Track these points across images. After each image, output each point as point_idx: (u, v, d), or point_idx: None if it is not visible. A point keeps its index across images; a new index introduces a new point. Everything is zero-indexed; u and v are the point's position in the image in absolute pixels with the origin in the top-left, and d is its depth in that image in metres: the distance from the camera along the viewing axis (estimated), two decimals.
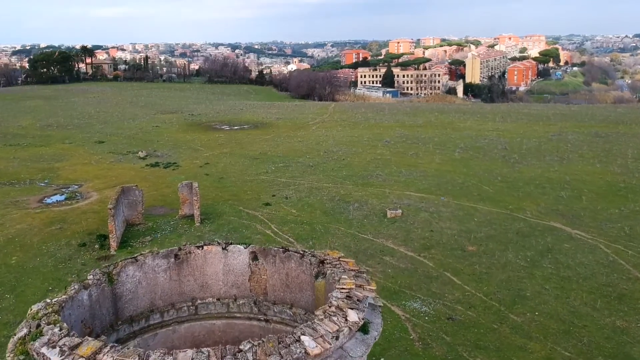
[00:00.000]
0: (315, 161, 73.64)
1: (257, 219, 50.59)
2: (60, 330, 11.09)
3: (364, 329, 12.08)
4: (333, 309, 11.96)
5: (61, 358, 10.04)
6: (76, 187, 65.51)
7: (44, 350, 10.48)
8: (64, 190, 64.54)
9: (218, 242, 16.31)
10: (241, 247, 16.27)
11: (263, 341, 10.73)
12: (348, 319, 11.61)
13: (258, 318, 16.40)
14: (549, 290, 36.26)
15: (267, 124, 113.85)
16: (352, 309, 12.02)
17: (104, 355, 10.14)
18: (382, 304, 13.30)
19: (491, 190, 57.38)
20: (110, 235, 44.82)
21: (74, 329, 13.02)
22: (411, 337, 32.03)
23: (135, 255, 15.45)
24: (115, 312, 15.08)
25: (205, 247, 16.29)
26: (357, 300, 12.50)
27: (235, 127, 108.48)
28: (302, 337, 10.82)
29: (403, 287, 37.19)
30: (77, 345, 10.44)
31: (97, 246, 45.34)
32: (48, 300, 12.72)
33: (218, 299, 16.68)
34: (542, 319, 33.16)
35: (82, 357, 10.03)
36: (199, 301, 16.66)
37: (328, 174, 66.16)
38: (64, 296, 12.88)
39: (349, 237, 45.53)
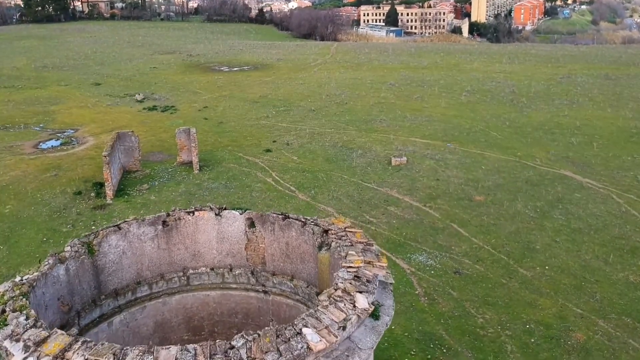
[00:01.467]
0: (316, 105, 71.50)
1: (258, 166, 49.02)
2: (27, 319, 9.64)
3: (374, 314, 10.63)
4: (339, 292, 10.47)
5: (24, 356, 8.62)
6: (72, 131, 63.77)
7: (6, 343, 9.07)
8: (59, 135, 62.81)
9: (210, 207, 14.74)
10: (236, 212, 14.72)
11: (259, 335, 9.27)
12: (356, 305, 10.14)
13: (256, 289, 15.03)
14: (559, 243, 34.99)
15: (267, 65, 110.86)
16: (360, 292, 10.54)
17: (73, 353, 8.72)
18: (393, 281, 11.81)
19: (499, 137, 55.54)
20: (106, 184, 43.38)
21: (49, 309, 11.61)
22: (416, 292, 30.93)
23: (118, 222, 13.91)
24: (98, 286, 13.67)
25: (196, 213, 14.75)
26: (367, 280, 11.00)
27: (235, 69, 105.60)
28: (304, 330, 9.38)
29: (408, 239, 35.92)
30: (44, 340, 9.01)
31: (93, 194, 43.98)
32: (17, 279, 11.25)
33: (212, 269, 15.26)
34: (552, 273, 31.99)
35: (47, 355, 8.61)
36: (190, 271, 15.24)
37: (330, 118, 64.17)
38: (36, 273, 11.39)
39: (352, 185, 44.05)
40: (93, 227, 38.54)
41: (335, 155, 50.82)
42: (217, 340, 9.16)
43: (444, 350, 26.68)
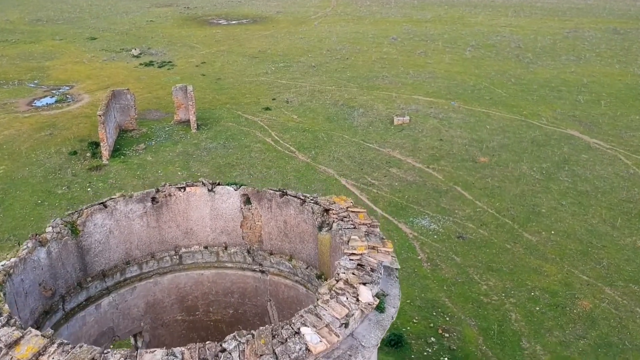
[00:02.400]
0: (317, 61, 69.70)
1: (257, 125, 47.85)
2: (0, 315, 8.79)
3: (378, 306, 9.78)
4: (341, 284, 9.60)
5: None
6: (67, 88, 62.32)
7: None
8: (54, 92, 61.39)
9: (203, 183, 13.76)
10: (230, 188, 13.75)
11: (253, 336, 8.42)
12: (360, 298, 9.27)
13: (252, 269, 14.19)
14: (565, 207, 34.16)
15: (266, 19, 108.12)
16: (364, 283, 9.65)
17: (48, 357, 7.89)
18: (399, 267, 10.93)
19: (504, 94, 54.11)
20: (101, 144, 42.34)
21: (29, 296, 10.79)
22: (419, 257, 30.27)
23: (104, 200, 12.96)
24: (83, 268, 12.82)
25: (188, 189, 13.78)
26: (371, 269, 10.12)
27: (233, 22, 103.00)
28: (303, 329, 8.53)
29: (410, 202, 35.09)
30: (16, 342, 8.17)
31: (88, 155, 42.97)
32: None
33: (205, 247, 14.40)
34: (558, 238, 31.26)
35: None
36: (183, 250, 14.38)
37: (331, 75, 62.55)
38: (13, 259, 10.51)
39: (354, 146, 42.98)
40: (89, 189, 37.75)
41: (336, 114, 49.56)
42: (207, 342, 8.32)
43: (447, 319, 26.14)
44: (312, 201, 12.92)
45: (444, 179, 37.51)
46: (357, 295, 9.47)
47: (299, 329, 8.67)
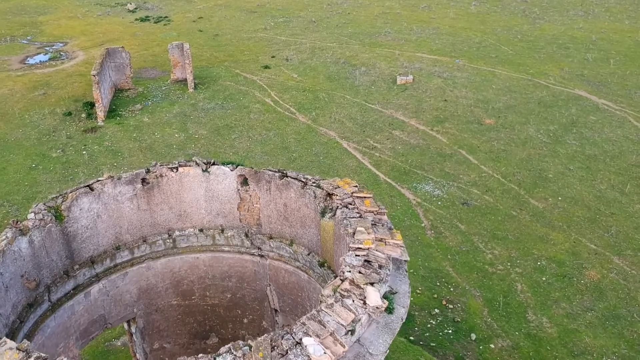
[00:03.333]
0: (317, 16, 67.65)
1: (256, 85, 46.50)
2: None
3: (387, 307, 8.99)
4: (346, 285, 8.77)
5: None
6: (61, 45, 60.59)
7: None
8: (47, 49, 59.69)
9: (197, 163, 12.81)
10: (226, 168, 12.82)
11: (250, 347, 7.64)
12: (367, 301, 8.47)
13: (251, 253, 13.38)
14: (573, 172, 33.25)
15: None
16: (372, 283, 8.82)
17: None
18: (408, 258, 10.10)
19: (510, 52, 52.51)
20: (96, 105, 41.11)
21: (10, 290, 10.01)
22: (422, 224, 29.55)
23: (90, 182, 12.03)
24: (70, 256, 12.01)
25: (180, 169, 12.84)
26: (379, 266, 9.28)
27: None
28: (305, 340, 7.74)
29: (414, 166, 34.17)
30: None
31: (83, 116, 41.82)
32: None
33: (201, 230, 13.55)
34: (565, 205, 30.47)
35: None
36: (177, 233, 13.54)
37: (332, 31, 60.70)
38: None
39: (355, 107, 41.79)
40: (84, 153, 36.79)
41: (337, 73, 48.14)
42: (200, 356, 7.54)
43: (451, 289, 25.58)
44: (314, 184, 12.01)
45: (449, 142, 36.51)
46: (364, 297, 8.66)
47: (300, 339, 7.89)
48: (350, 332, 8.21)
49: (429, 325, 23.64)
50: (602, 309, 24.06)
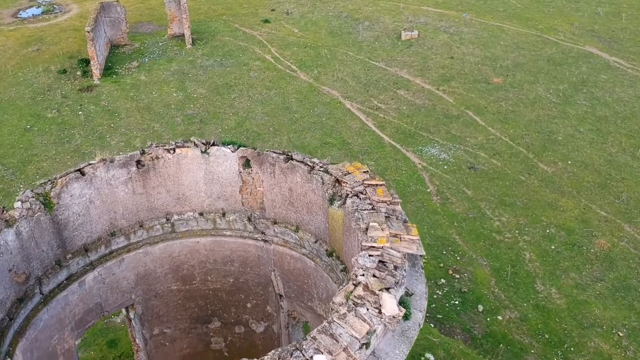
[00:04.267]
0: None
1: (255, 40, 44.97)
2: None
3: (404, 305, 8.30)
4: (360, 291, 8.05)
5: None
6: None
7: None
8: (40, 1, 57.68)
9: (195, 144, 11.93)
10: (227, 149, 11.95)
11: None
12: (383, 310, 7.76)
13: (254, 237, 12.64)
14: (583, 134, 32.31)
15: None
16: (388, 289, 8.09)
17: None
18: (424, 253, 9.36)
19: (519, 5, 50.68)
20: (91, 62, 39.74)
21: None
22: (428, 190, 28.81)
23: (81, 166, 11.19)
24: (62, 245, 11.28)
25: (177, 150, 11.98)
26: (394, 267, 8.53)
27: None
28: (316, 358, 7.05)
29: (419, 128, 33.21)
30: None
31: (78, 74, 40.52)
32: None
33: (201, 214, 12.79)
34: (575, 169, 29.67)
35: None
36: (175, 217, 12.78)
37: None
38: None
39: (359, 64, 40.45)
40: (80, 113, 35.75)
41: (339, 28, 46.51)
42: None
43: (458, 258, 25.02)
44: (322, 169, 11.16)
45: (455, 103, 35.41)
46: (380, 306, 7.94)
47: (311, 357, 7.20)
48: (364, 346, 7.54)
49: (435, 297, 23.15)
50: (612, 280, 23.55)
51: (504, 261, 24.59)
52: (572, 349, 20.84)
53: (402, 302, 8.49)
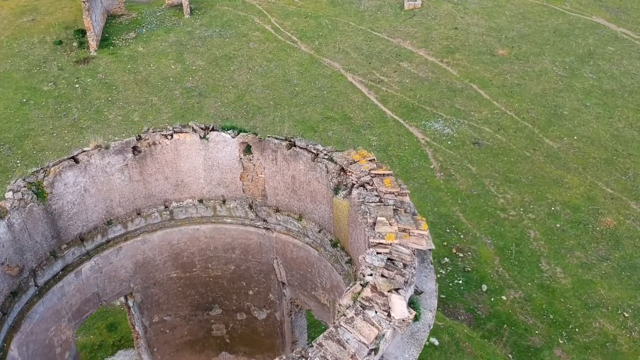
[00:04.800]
0: None
1: (255, 10, 43.91)
2: None
3: (413, 306, 7.94)
4: (368, 292, 7.67)
5: None
6: None
7: None
8: None
9: (193, 129, 11.43)
10: (227, 135, 11.46)
11: None
12: (392, 313, 7.39)
13: (256, 225, 12.24)
14: (589, 108, 31.69)
15: None
16: (397, 289, 7.71)
17: None
18: (433, 247, 8.97)
19: None
20: (88, 33, 38.81)
21: None
22: (431, 166, 28.36)
23: (75, 154, 10.71)
24: (56, 235, 10.88)
25: (175, 136, 11.50)
26: (403, 265, 8.13)
27: None
28: None
29: (423, 102, 32.56)
30: None
31: (75, 45, 39.63)
32: None
33: (200, 201, 12.36)
34: (581, 144, 29.16)
35: None
36: (174, 204, 12.35)
37: None
38: None
39: (361, 35, 39.54)
40: (77, 86, 35.06)
41: None
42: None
43: (461, 236, 24.70)
44: (326, 157, 10.69)
45: (459, 75, 34.67)
46: (389, 308, 7.56)
47: None
48: (373, 352, 7.18)
49: (438, 276, 22.85)
50: (618, 259, 23.26)
51: (509, 239, 24.27)
52: (576, 329, 20.65)
53: (411, 302, 8.12)
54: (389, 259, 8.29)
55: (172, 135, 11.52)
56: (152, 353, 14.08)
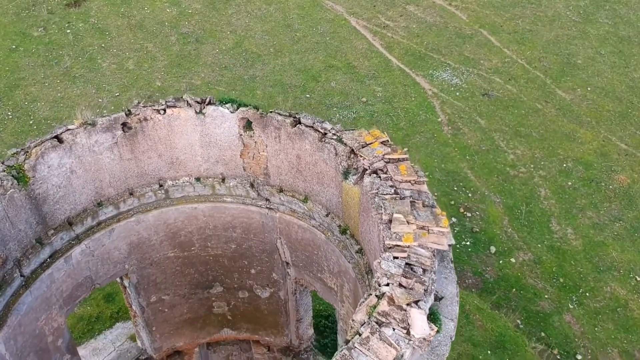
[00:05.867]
0: None
1: None
2: None
3: (432, 317, 7.18)
4: (384, 306, 6.88)
5: None
6: None
7: None
8: None
9: (188, 103, 10.38)
10: (225, 110, 10.43)
11: None
12: (412, 331, 6.60)
13: (258, 204, 11.37)
14: (604, 57, 30.28)
15: None
16: (417, 302, 6.92)
17: None
18: (453, 241, 8.14)
19: None
20: None
21: None
22: (439, 119, 27.27)
23: (58, 132, 9.72)
24: (42, 221, 10.03)
25: (168, 111, 10.46)
26: (423, 270, 7.31)
27: None
28: None
29: (430, 50, 31.10)
30: None
31: None
32: None
33: (197, 179, 11.44)
34: (595, 96, 27.97)
35: None
36: (169, 183, 11.44)
37: None
38: None
39: None
40: (68, 32, 33.45)
41: None
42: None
43: (469, 194, 23.89)
44: (335, 137, 9.70)
45: (468, 20, 33.02)
46: (408, 325, 6.78)
47: None
48: None
49: None
50: (631, 219, 22.52)
51: (518, 198, 23.48)
52: (587, 294, 20.13)
53: (431, 313, 7.34)
54: (407, 264, 7.48)
55: (164, 110, 10.49)
56: (151, 332, 13.52)
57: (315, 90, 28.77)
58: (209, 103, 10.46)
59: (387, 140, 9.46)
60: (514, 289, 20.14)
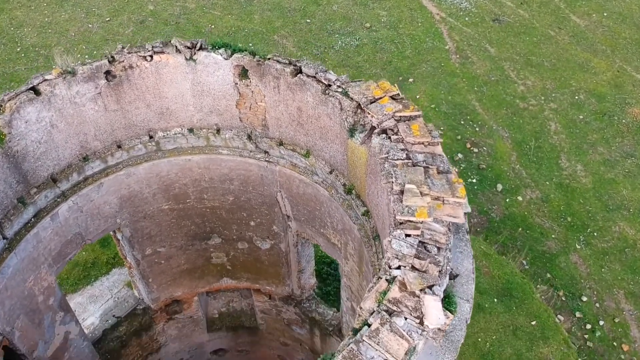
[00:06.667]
0: None
1: None
2: None
3: (447, 301, 6.59)
4: (395, 292, 6.25)
5: None
6: None
7: None
8: None
9: (177, 49, 9.36)
10: (218, 56, 9.44)
11: None
12: (425, 320, 6.01)
13: (256, 157, 10.58)
14: None
15: None
16: (430, 287, 6.28)
17: None
18: (469, 209, 7.43)
19: None
20: None
21: None
22: (447, 47, 25.99)
23: (34, 83, 8.79)
24: (23, 180, 9.28)
25: (155, 57, 9.46)
26: (437, 247, 6.65)
27: None
28: None
29: None
30: None
31: None
32: None
33: (190, 130, 10.58)
34: (610, 22, 26.57)
35: None
36: (160, 134, 10.58)
37: None
38: None
39: None
40: None
41: None
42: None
43: (477, 128, 23.01)
44: (340, 90, 8.77)
45: None
46: (421, 314, 6.17)
47: None
48: None
49: None
50: None
51: (527, 133, 22.62)
52: (595, 234, 19.64)
53: (446, 295, 6.72)
54: (420, 242, 6.79)
55: (151, 57, 9.50)
56: (148, 283, 13.07)
57: (316, 15, 27.27)
58: (200, 48, 9.46)
59: (398, 94, 8.54)
60: (520, 229, 19.65)
